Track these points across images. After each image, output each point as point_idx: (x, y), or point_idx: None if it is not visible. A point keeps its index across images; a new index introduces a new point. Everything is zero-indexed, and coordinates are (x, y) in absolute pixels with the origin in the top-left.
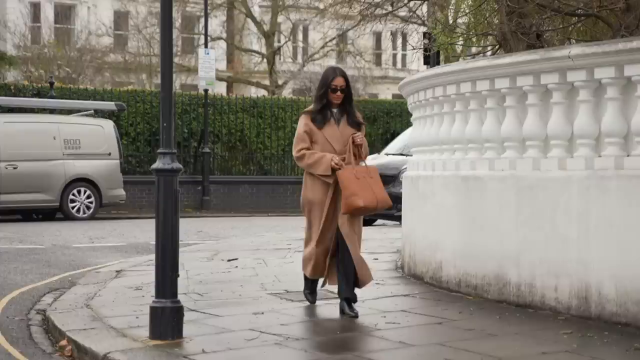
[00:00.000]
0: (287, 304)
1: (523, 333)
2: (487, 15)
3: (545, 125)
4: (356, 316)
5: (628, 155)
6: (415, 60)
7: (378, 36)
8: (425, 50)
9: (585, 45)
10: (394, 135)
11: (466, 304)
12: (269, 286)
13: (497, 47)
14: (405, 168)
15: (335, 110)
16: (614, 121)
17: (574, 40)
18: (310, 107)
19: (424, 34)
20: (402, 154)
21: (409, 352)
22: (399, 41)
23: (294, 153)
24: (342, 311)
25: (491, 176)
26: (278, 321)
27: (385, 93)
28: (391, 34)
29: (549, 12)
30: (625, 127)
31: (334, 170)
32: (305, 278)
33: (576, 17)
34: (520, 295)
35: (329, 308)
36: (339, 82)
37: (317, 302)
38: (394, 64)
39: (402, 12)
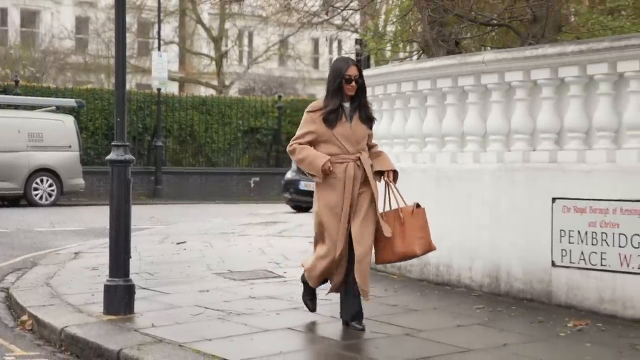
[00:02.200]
0: (230, 283)
1: (441, 308)
2: (411, 24)
3: (462, 123)
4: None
5: (534, 150)
6: None
7: (316, 42)
8: (357, 55)
9: (497, 52)
10: None
11: (391, 282)
12: (214, 267)
13: (420, 52)
14: None
15: (347, 105)
16: (522, 119)
17: (488, 47)
18: (317, 102)
19: (356, 40)
20: None
21: (338, 325)
22: (335, 46)
23: (288, 145)
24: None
25: (414, 168)
26: (222, 298)
27: (322, 93)
28: (326, 39)
29: (466, 22)
30: (532, 124)
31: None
32: (307, 284)
33: (490, 27)
34: (439, 274)
35: (269, 286)
36: (352, 71)
37: (256, 281)
38: None
39: (337, 21)
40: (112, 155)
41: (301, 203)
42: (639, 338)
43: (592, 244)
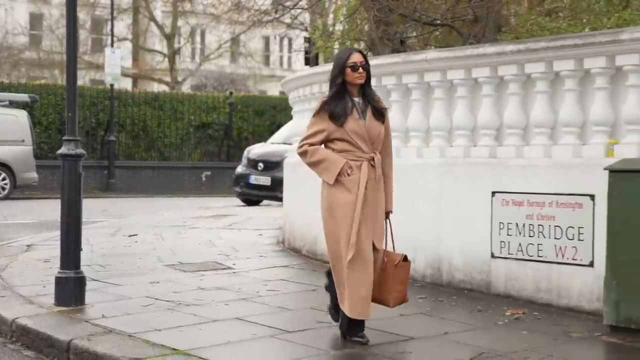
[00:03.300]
0: (180, 274)
1: None
2: (358, 23)
3: (406, 119)
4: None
5: (475, 146)
6: (298, 61)
7: (267, 39)
8: (306, 52)
9: (440, 51)
10: (279, 127)
11: None
12: (165, 259)
13: (367, 51)
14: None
15: (357, 100)
16: (463, 116)
17: (432, 46)
18: (320, 101)
19: (305, 38)
20: (285, 143)
21: (285, 315)
22: (285, 44)
23: (297, 147)
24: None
25: None
26: (172, 289)
27: (273, 90)
28: (275, 37)
29: (411, 22)
30: (472, 121)
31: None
32: (333, 295)
33: (434, 27)
34: None
35: (218, 278)
36: (357, 57)
37: (205, 272)
38: (281, 64)
39: (287, 19)
40: (63, 150)
41: (251, 197)
42: (572, 325)
43: (530, 236)
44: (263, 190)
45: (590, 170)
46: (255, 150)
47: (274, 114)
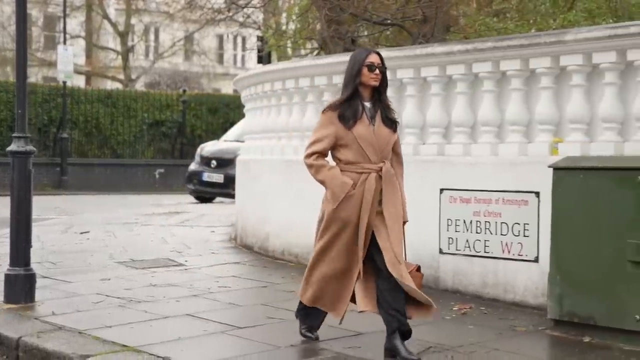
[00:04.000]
0: (132, 271)
1: None
2: (310, 22)
3: None
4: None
5: (424, 144)
6: (251, 59)
7: (220, 38)
8: (259, 51)
9: (390, 50)
10: (233, 125)
11: (289, 270)
12: (117, 255)
13: (319, 49)
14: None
15: (368, 105)
16: (412, 114)
17: (382, 46)
18: (332, 101)
19: (258, 37)
20: (238, 141)
21: (236, 311)
22: (239, 42)
23: (304, 156)
24: (396, 352)
25: None
26: (123, 286)
27: (227, 88)
28: (227, 36)
29: (362, 21)
30: (422, 119)
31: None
32: (303, 313)
33: (384, 26)
34: None
35: (170, 274)
36: (374, 58)
37: (157, 269)
38: (235, 62)
39: (241, 18)
40: (12, 147)
41: (204, 194)
42: (517, 320)
43: (477, 232)
44: (216, 188)
45: (536, 168)
46: (208, 147)
47: (228, 111)
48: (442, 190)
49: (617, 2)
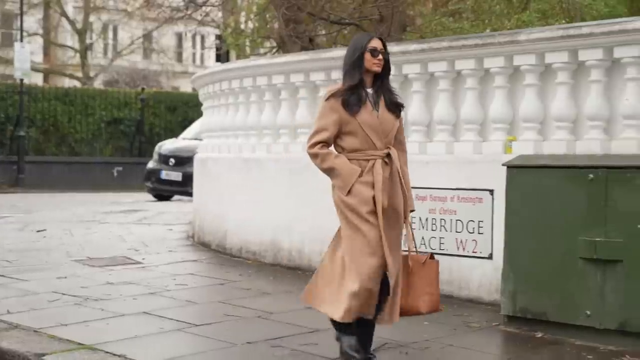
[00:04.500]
0: (88, 269)
1: (293, 291)
2: (269, 21)
3: (313, 115)
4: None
5: None
6: (210, 57)
7: (179, 36)
8: (217, 49)
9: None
10: (192, 123)
11: (246, 267)
12: (74, 253)
13: (276, 48)
14: None
15: (370, 91)
16: None
17: (340, 45)
18: (333, 87)
19: (217, 35)
20: (196, 139)
21: (193, 309)
22: (198, 41)
23: (307, 146)
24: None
25: (269, 158)
26: (79, 284)
27: (186, 86)
28: (185, 34)
29: (319, 20)
30: None
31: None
32: (346, 326)
33: (342, 25)
34: (292, 259)
35: (127, 272)
36: (377, 43)
37: (114, 267)
38: (194, 60)
39: (200, 17)
40: None
41: (162, 192)
42: (472, 316)
43: (432, 230)
44: (174, 186)
45: (490, 166)
46: (167, 145)
47: (186, 110)
48: None
49: (569, 3)
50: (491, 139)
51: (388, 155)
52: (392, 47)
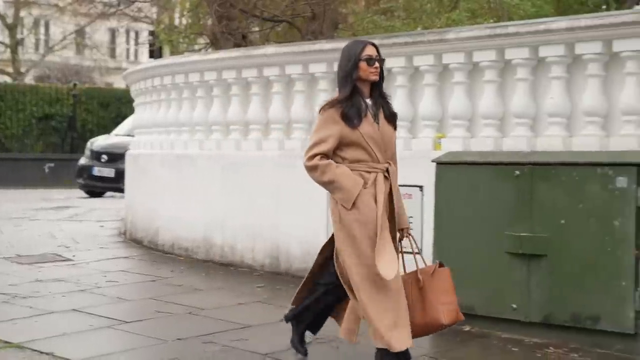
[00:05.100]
0: (17, 267)
1: (225, 287)
2: (201, 17)
3: (245, 112)
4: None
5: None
6: (143, 54)
7: (113, 32)
8: (151, 45)
9: (278, 46)
10: (125, 119)
11: (178, 264)
12: (2, 251)
13: (209, 45)
14: None
15: (369, 102)
16: (301, 110)
17: (273, 42)
18: (330, 99)
19: (150, 31)
20: (129, 135)
21: (124, 305)
22: (132, 37)
23: (304, 159)
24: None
25: (201, 155)
26: (7, 282)
27: (119, 82)
28: (117, 30)
29: (251, 18)
30: (310, 114)
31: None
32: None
33: (274, 22)
34: (224, 255)
35: (57, 269)
36: (372, 50)
37: (44, 264)
38: (127, 56)
39: (133, 12)
40: None
41: (95, 188)
42: None
43: None
44: (107, 182)
45: (419, 163)
46: (99, 142)
47: (119, 106)
48: None
49: (497, 3)
50: (420, 136)
51: (387, 170)
52: (324, 45)
